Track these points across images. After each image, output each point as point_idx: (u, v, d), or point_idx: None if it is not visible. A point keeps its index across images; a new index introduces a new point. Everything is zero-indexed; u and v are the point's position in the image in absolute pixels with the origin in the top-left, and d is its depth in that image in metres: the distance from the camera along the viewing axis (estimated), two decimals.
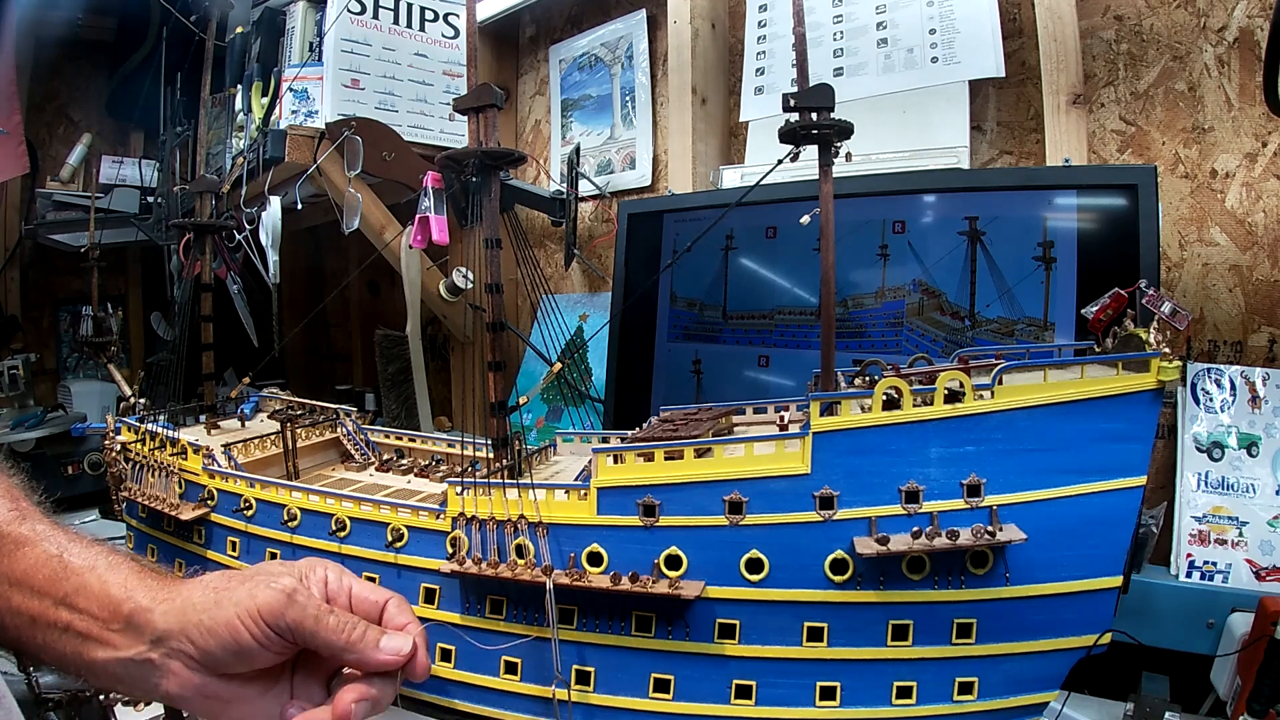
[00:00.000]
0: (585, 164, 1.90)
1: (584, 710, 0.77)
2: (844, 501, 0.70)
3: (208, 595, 0.56)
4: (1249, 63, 1.14)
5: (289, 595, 0.55)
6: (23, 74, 2.56)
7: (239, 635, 0.54)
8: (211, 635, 0.54)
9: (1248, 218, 1.15)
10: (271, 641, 0.55)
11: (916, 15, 1.36)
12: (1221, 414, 1.08)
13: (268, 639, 0.54)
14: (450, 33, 1.96)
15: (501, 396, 0.85)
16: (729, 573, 0.72)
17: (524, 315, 2.08)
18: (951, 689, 0.71)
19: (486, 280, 0.83)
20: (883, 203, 1.20)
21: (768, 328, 1.32)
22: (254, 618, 0.54)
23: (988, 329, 1.10)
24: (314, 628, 0.55)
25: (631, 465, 0.75)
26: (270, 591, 0.55)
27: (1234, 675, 0.92)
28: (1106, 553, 0.68)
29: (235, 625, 0.54)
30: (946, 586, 0.69)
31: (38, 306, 2.83)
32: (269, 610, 0.54)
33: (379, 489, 1.04)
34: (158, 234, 2.38)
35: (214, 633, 0.54)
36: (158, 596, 0.56)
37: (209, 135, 2.15)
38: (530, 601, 0.78)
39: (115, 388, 1.65)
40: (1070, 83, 1.21)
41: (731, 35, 1.73)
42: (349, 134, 1.56)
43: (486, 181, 0.83)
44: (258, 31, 1.96)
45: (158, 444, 1.09)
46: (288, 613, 0.54)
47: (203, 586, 0.57)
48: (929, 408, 0.69)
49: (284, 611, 0.54)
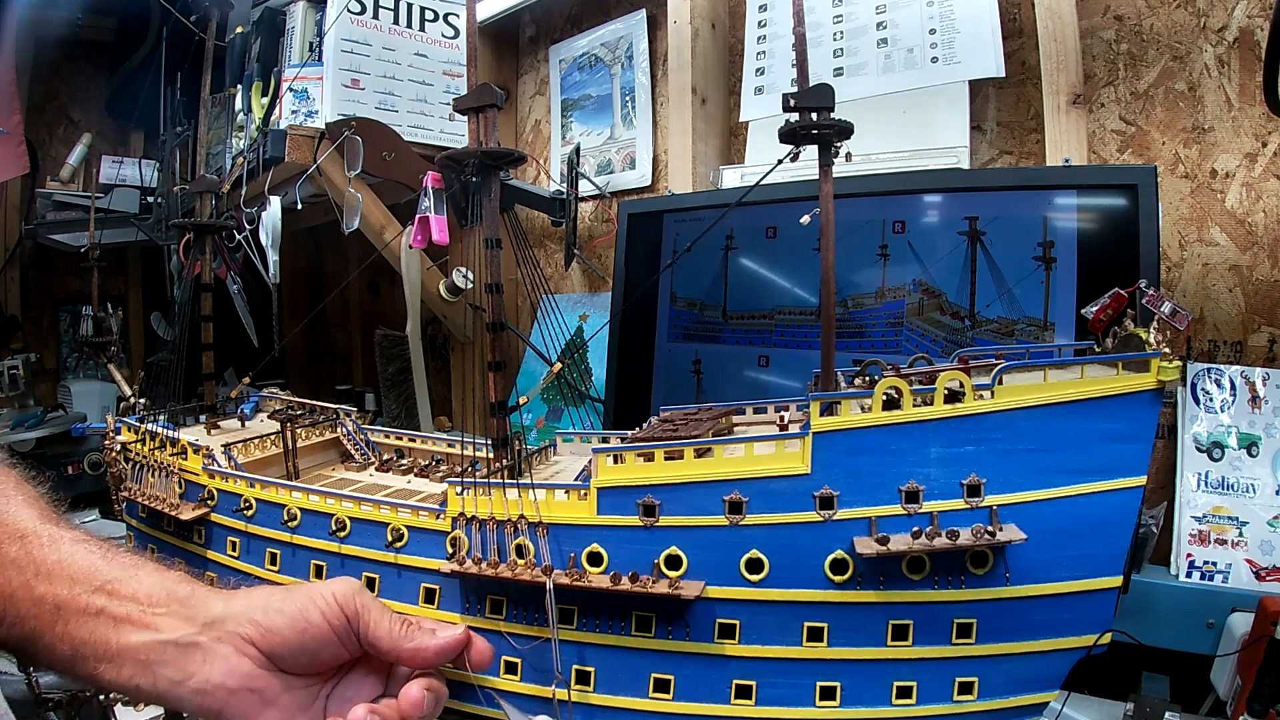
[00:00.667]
0: (585, 164, 1.90)
1: (584, 710, 0.77)
2: (844, 501, 0.70)
3: (274, 589, 0.59)
4: (1249, 63, 1.14)
5: (358, 586, 0.60)
6: (23, 74, 2.56)
7: (309, 613, 0.56)
8: (281, 614, 0.56)
9: (1248, 218, 1.15)
10: (338, 625, 0.57)
11: (916, 15, 1.36)
12: (1221, 414, 1.08)
13: (337, 620, 0.57)
14: (450, 33, 1.96)
15: (501, 396, 0.85)
16: (729, 573, 0.72)
17: (524, 315, 2.08)
18: (951, 689, 0.71)
19: (486, 280, 0.83)
20: (883, 203, 1.20)
21: (768, 328, 1.32)
22: (326, 599, 0.57)
23: (988, 329, 1.10)
24: (378, 617, 0.59)
25: (631, 465, 0.75)
26: (341, 581, 0.60)
27: (1234, 675, 0.92)
28: (1106, 553, 0.68)
29: (307, 604, 0.57)
30: (946, 586, 0.69)
31: (38, 306, 2.83)
32: (341, 594, 0.58)
33: (379, 489, 1.04)
34: (158, 234, 2.38)
35: (283, 611, 0.56)
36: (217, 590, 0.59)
37: (209, 135, 2.15)
38: (530, 601, 0.78)
39: (115, 388, 1.65)
40: (1070, 83, 1.21)
41: (731, 35, 1.73)
42: (349, 134, 1.56)
43: (486, 181, 0.83)
44: (258, 31, 1.96)
45: (158, 444, 1.09)
46: (357, 597, 0.59)
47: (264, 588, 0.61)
48: (929, 408, 0.68)
49: (354, 596, 0.58)
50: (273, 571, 0.94)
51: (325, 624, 0.56)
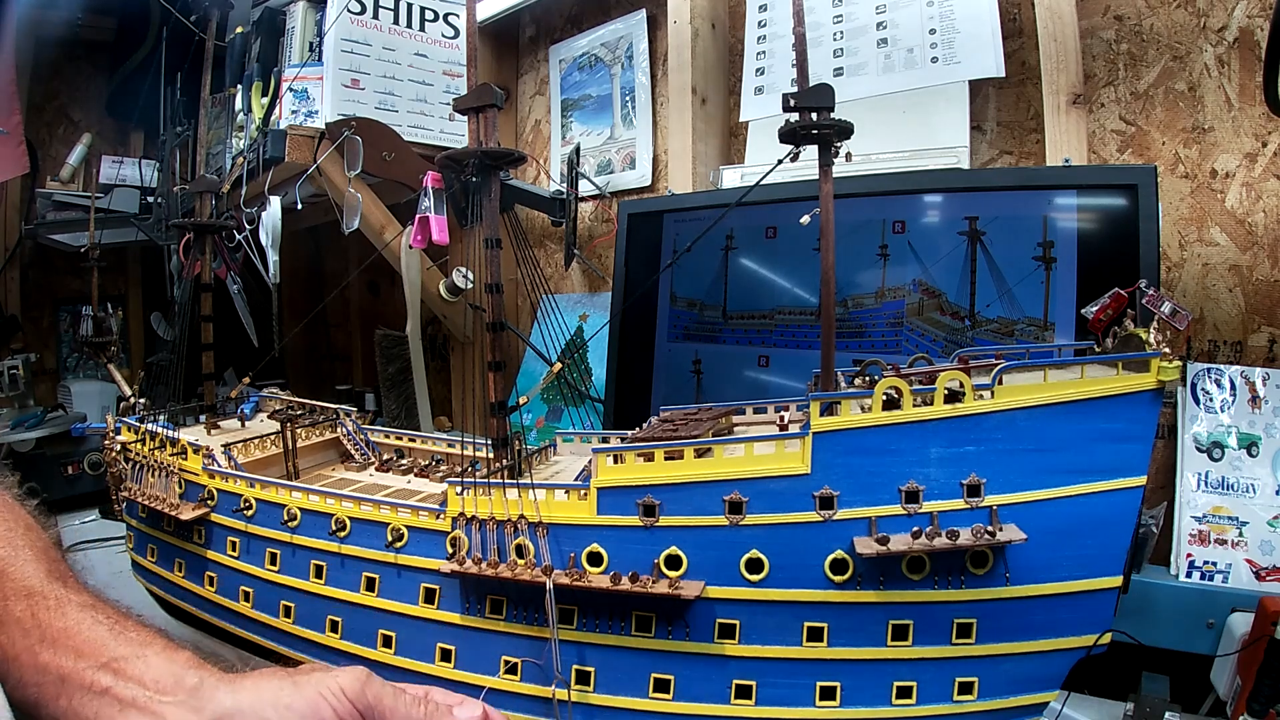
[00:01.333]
0: (585, 164, 1.90)
1: (584, 710, 0.77)
2: (844, 501, 0.70)
3: (281, 679, 0.58)
4: (1249, 63, 1.14)
5: (367, 675, 0.59)
6: (23, 74, 2.56)
7: (321, 710, 0.56)
8: (291, 711, 0.55)
9: (1248, 218, 1.15)
10: None
11: (916, 15, 1.36)
12: (1221, 414, 1.08)
13: (350, 716, 0.56)
14: (450, 33, 1.96)
15: (501, 396, 0.85)
16: (729, 573, 0.72)
17: (524, 315, 2.08)
18: (951, 689, 0.71)
19: (486, 280, 0.83)
20: (883, 203, 1.20)
21: (768, 328, 1.32)
22: (337, 694, 0.56)
23: (988, 329, 1.10)
24: (393, 704, 0.58)
25: (631, 465, 0.75)
26: (349, 673, 0.58)
27: (1234, 675, 0.92)
28: (1106, 553, 0.68)
29: (318, 701, 0.56)
30: (946, 586, 0.69)
31: (38, 306, 2.83)
32: (351, 688, 0.57)
33: (379, 489, 1.04)
34: (158, 234, 2.38)
35: (294, 708, 0.55)
36: (225, 678, 0.57)
37: (209, 135, 2.15)
38: (530, 601, 0.78)
39: (115, 388, 1.65)
40: (1070, 83, 1.21)
41: (731, 35, 1.73)
42: (349, 134, 1.56)
43: (486, 181, 0.83)
44: (258, 31, 1.96)
45: (158, 444, 1.09)
46: (368, 690, 0.58)
47: (271, 673, 0.59)
48: (929, 408, 0.68)
49: (364, 689, 0.58)
50: (273, 571, 0.94)
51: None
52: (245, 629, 0.99)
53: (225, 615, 1.00)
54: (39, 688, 0.55)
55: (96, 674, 0.55)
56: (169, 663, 0.56)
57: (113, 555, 1.59)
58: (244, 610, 0.98)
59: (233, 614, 0.99)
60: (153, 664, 0.56)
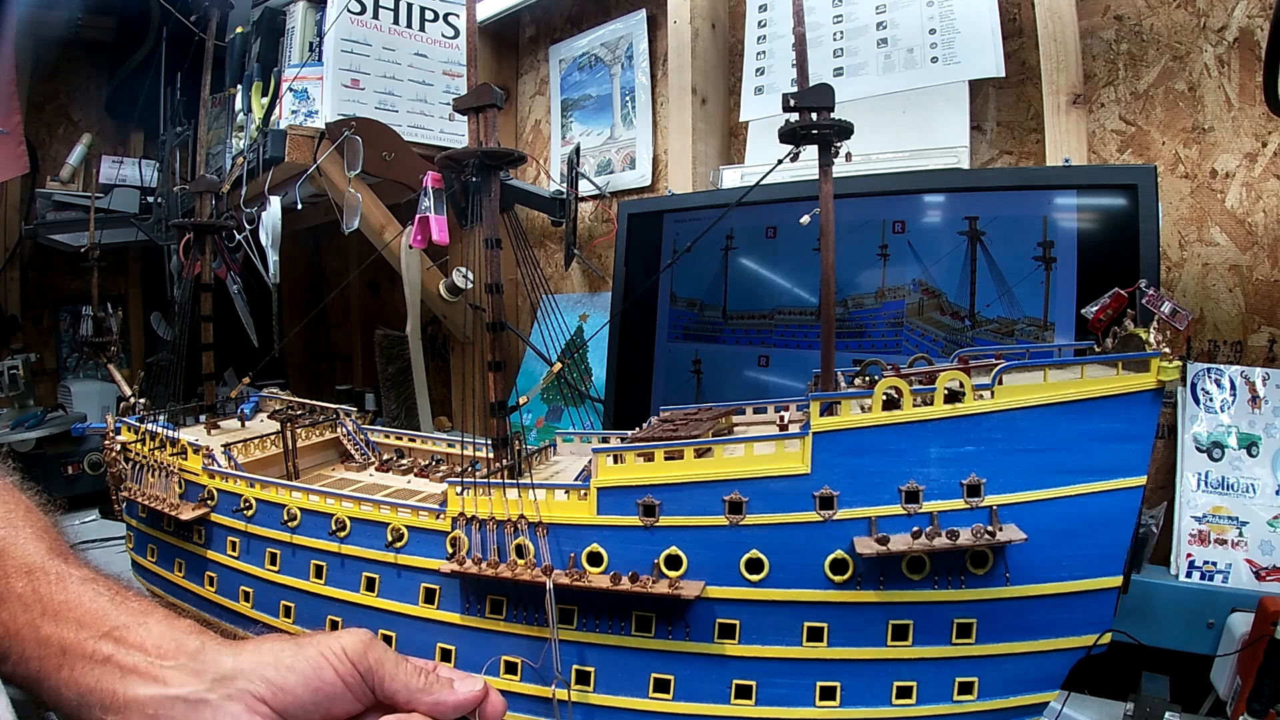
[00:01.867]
0: (585, 164, 1.90)
1: (584, 710, 0.77)
2: (844, 501, 0.70)
3: (284, 643, 0.57)
4: (1249, 63, 1.14)
5: (370, 638, 0.58)
6: (23, 74, 2.56)
7: (323, 671, 0.55)
8: (293, 671, 0.55)
9: (1248, 218, 1.15)
10: (353, 681, 0.56)
11: (916, 15, 1.36)
12: (1221, 414, 1.08)
13: (351, 677, 0.56)
14: (450, 33, 1.96)
15: (501, 396, 0.85)
16: (729, 573, 0.72)
17: (524, 315, 2.08)
18: (951, 689, 0.71)
19: (486, 280, 0.83)
20: (883, 203, 1.20)
21: (768, 328, 1.32)
22: (339, 655, 0.56)
23: (988, 329, 1.10)
24: (394, 670, 0.58)
25: (631, 465, 0.75)
26: (352, 635, 0.58)
27: (1234, 675, 0.92)
28: (1106, 553, 0.68)
29: (320, 661, 0.56)
30: (946, 586, 0.69)
31: (38, 306, 2.83)
32: (354, 649, 0.57)
33: (379, 489, 1.04)
34: (158, 234, 2.38)
35: (295, 669, 0.55)
36: (227, 642, 0.57)
37: (209, 135, 2.15)
38: (530, 601, 0.78)
39: (115, 388, 1.65)
40: (1070, 83, 1.21)
41: (731, 35, 1.73)
42: (349, 134, 1.56)
43: (486, 181, 0.83)
44: (258, 31, 1.96)
45: (158, 444, 1.09)
46: (370, 652, 0.57)
47: (274, 638, 0.59)
48: (929, 408, 0.68)
49: (367, 651, 0.57)
50: (273, 571, 0.94)
51: (339, 681, 0.55)
52: (245, 629, 0.99)
53: (225, 615, 1.00)
54: (41, 661, 0.55)
55: (98, 643, 0.55)
56: (170, 629, 0.56)
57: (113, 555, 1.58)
58: (244, 610, 0.98)
59: (233, 614, 0.99)
60: (154, 630, 0.56)
